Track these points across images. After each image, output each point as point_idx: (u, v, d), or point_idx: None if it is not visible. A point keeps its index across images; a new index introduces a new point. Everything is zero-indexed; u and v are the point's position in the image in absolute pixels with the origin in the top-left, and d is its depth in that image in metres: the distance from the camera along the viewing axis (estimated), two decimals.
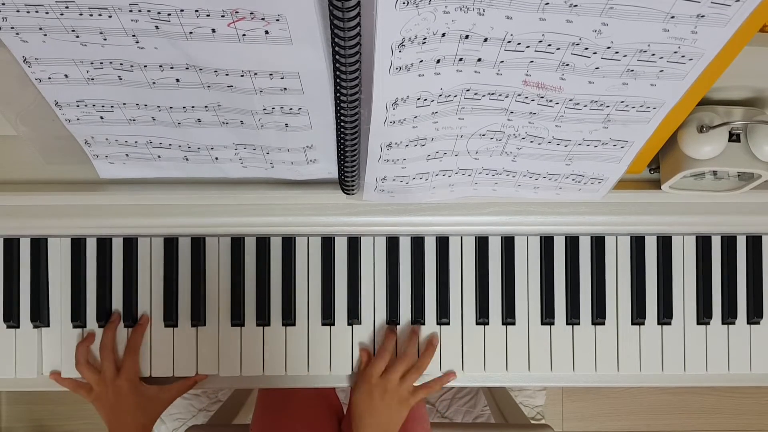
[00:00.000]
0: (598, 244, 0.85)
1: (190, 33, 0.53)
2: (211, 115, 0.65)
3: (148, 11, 0.51)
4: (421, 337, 0.84)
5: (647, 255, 0.85)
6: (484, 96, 0.60)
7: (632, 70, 0.56)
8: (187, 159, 0.74)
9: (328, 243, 0.84)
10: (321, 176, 0.76)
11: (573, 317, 0.84)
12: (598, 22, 0.50)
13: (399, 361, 0.80)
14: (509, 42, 0.53)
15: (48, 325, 0.83)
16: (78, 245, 0.83)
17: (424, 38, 0.51)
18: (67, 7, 0.52)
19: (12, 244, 0.83)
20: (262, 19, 0.50)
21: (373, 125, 0.61)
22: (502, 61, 0.55)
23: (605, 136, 0.66)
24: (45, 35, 0.56)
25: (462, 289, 0.85)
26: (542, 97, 0.60)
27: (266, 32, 0.51)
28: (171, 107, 0.64)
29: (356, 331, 0.84)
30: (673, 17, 0.50)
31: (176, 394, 0.83)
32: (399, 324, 0.84)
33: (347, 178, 0.71)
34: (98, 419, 0.82)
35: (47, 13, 0.53)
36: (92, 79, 0.61)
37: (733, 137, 0.71)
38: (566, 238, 0.85)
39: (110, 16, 0.52)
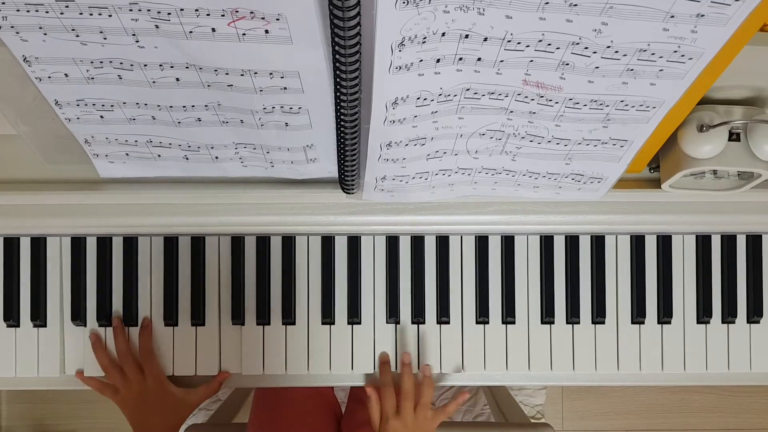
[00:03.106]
0: (598, 243, 0.85)
1: (190, 32, 0.53)
2: (211, 114, 0.65)
3: (148, 10, 0.51)
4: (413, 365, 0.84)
5: (647, 254, 0.85)
6: (483, 95, 0.60)
7: (632, 70, 0.56)
8: (187, 158, 0.74)
9: (328, 242, 0.84)
10: (321, 175, 0.76)
11: (573, 316, 0.84)
12: (598, 21, 0.50)
13: (405, 399, 0.79)
14: (509, 41, 0.53)
15: (48, 325, 0.83)
16: (78, 244, 0.83)
17: (424, 38, 0.51)
18: (67, 7, 0.52)
19: (12, 243, 0.83)
20: (262, 18, 0.50)
21: (372, 124, 0.61)
22: (501, 61, 0.55)
23: (605, 135, 0.66)
24: (45, 34, 0.56)
25: (462, 288, 0.85)
26: (542, 97, 0.60)
27: (266, 31, 0.51)
28: (171, 106, 0.64)
29: (356, 330, 0.84)
30: (672, 17, 0.50)
31: (203, 397, 0.82)
32: (399, 323, 0.84)
33: (347, 177, 0.71)
34: (99, 418, 0.82)
35: (47, 12, 0.53)
36: (92, 78, 0.61)
37: (733, 136, 0.71)
38: (566, 237, 0.85)
39: (110, 16, 0.53)
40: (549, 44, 0.53)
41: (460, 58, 0.55)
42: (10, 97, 0.67)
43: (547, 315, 0.84)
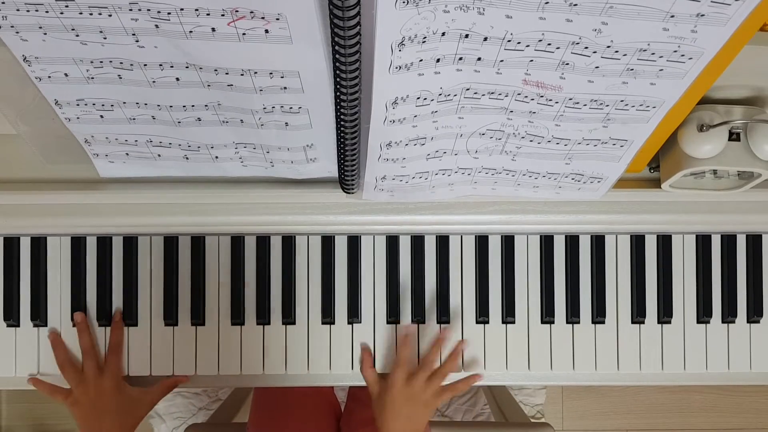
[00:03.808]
0: (598, 242, 0.85)
1: (190, 32, 0.53)
2: (211, 114, 0.65)
3: (148, 10, 0.51)
4: (450, 342, 0.84)
5: (647, 254, 0.85)
6: (483, 95, 0.60)
7: (632, 69, 0.56)
8: (187, 158, 0.74)
9: (328, 242, 0.84)
10: (321, 175, 0.76)
11: (573, 316, 0.84)
12: (598, 21, 0.50)
13: (422, 369, 0.80)
14: (509, 41, 0.53)
15: (48, 324, 0.83)
16: (78, 244, 0.83)
17: (424, 37, 0.51)
18: (67, 6, 0.52)
19: (12, 243, 0.83)
20: (262, 18, 0.50)
21: (372, 124, 0.61)
22: (501, 61, 0.55)
23: (605, 135, 0.66)
24: (45, 34, 0.56)
25: (462, 288, 0.85)
26: (542, 96, 0.60)
27: (266, 31, 0.51)
28: (171, 106, 0.64)
29: (356, 329, 0.84)
30: (672, 16, 0.50)
31: (158, 397, 0.81)
32: (399, 323, 0.84)
33: (347, 177, 0.71)
34: None
35: (47, 12, 0.53)
36: (92, 78, 0.61)
37: (733, 136, 0.72)
38: (566, 237, 0.85)
39: (110, 15, 0.53)
40: (549, 44, 0.53)
41: (460, 58, 0.55)
42: (10, 97, 0.67)
43: (547, 314, 0.84)
